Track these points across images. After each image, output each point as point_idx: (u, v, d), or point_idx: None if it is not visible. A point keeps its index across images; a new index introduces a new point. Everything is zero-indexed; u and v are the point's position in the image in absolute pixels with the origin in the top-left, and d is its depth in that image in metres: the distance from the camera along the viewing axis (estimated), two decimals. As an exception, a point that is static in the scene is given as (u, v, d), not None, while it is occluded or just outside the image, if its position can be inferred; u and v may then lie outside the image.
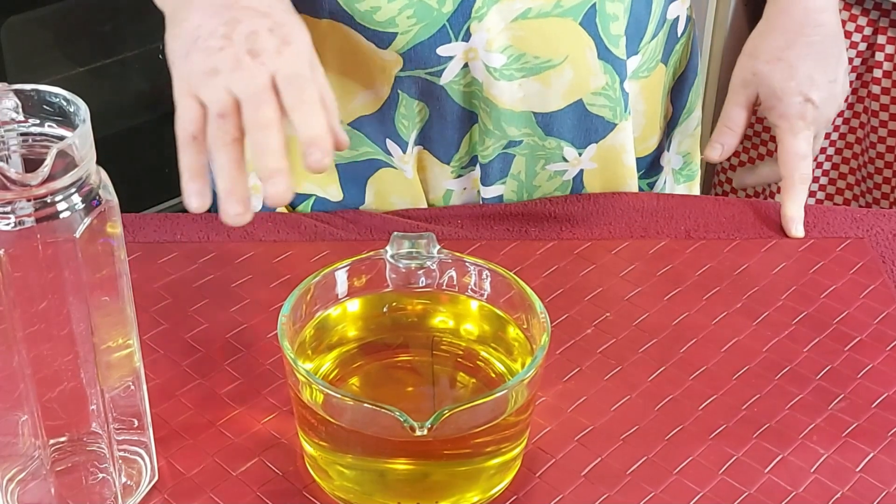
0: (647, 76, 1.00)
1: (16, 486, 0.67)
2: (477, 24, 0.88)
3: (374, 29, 0.88)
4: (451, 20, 0.88)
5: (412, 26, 0.88)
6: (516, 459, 0.72)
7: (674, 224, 0.95)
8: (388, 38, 0.89)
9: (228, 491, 0.71)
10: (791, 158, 0.97)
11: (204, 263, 0.89)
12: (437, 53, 0.89)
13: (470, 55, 0.90)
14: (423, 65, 0.90)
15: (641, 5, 0.95)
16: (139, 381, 0.68)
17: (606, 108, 0.95)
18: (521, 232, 0.94)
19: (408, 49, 0.89)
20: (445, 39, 0.89)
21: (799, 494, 0.72)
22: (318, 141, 0.68)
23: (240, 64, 0.70)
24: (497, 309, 0.75)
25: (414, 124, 0.95)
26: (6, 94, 0.60)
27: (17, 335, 0.61)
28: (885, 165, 1.78)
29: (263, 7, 0.74)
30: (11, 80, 0.63)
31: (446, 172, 0.99)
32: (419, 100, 0.93)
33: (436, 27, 0.88)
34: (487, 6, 0.88)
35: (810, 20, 0.99)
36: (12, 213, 0.58)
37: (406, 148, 0.96)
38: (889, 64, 1.73)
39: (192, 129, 0.70)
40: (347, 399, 0.66)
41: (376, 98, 0.93)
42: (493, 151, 0.96)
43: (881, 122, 1.75)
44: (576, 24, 0.90)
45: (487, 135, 0.95)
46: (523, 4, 0.88)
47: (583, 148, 0.97)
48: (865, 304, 0.87)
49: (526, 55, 0.90)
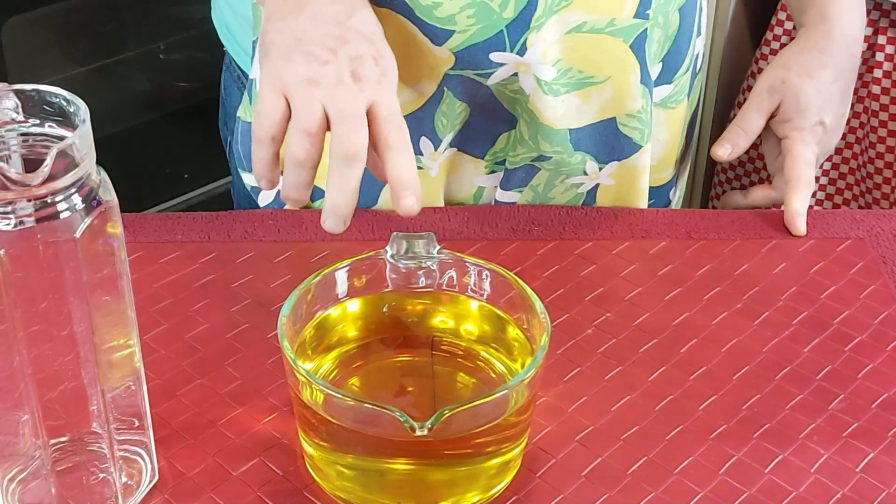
0: (675, 108, 1.00)
1: (16, 486, 0.67)
2: (534, 36, 0.87)
3: (432, 24, 0.87)
4: (510, 27, 0.87)
5: (470, 26, 0.87)
6: (516, 459, 0.72)
7: (674, 225, 0.95)
8: (444, 36, 0.88)
9: (228, 491, 0.71)
10: (798, 162, 0.98)
11: (204, 263, 0.89)
12: (490, 58, 0.89)
13: (521, 68, 0.89)
14: (474, 66, 0.89)
15: (684, 37, 0.95)
16: (139, 381, 0.68)
17: (637, 130, 0.95)
18: (521, 232, 0.94)
19: (462, 49, 0.88)
20: (500, 46, 0.88)
21: (799, 494, 0.72)
22: (411, 185, 0.70)
23: (342, 83, 0.72)
24: (497, 309, 0.75)
25: (453, 125, 0.94)
26: (6, 94, 0.60)
27: (18, 335, 0.61)
28: (885, 165, 1.78)
29: (369, 32, 0.76)
30: (11, 80, 0.63)
31: (480, 168, 0.98)
32: (462, 101, 0.92)
33: (493, 31, 0.87)
34: (546, 16, 0.87)
35: (849, 49, 1.02)
36: (12, 213, 0.58)
37: (439, 146, 0.95)
38: (889, 64, 1.73)
39: (273, 131, 0.73)
40: (347, 399, 0.66)
41: (419, 95, 0.92)
42: (521, 161, 0.96)
43: (881, 122, 1.75)
44: (625, 46, 0.90)
45: (521, 143, 0.95)
46: (580, 17, 0.88)
47: (604, 163, 0.97)
48: (865, 305, 0.87)
49: (572, 69, 0.90)
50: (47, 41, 1.84)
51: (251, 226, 0.93)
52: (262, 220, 0.94)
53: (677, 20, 0.94)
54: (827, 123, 1.00)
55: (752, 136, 1.02)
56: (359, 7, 0.78)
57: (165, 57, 1.96)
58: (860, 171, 1.83)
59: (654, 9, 0.90)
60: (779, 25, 1.83)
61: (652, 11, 0.90)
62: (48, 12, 1.79)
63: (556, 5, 0.87)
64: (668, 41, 0.94)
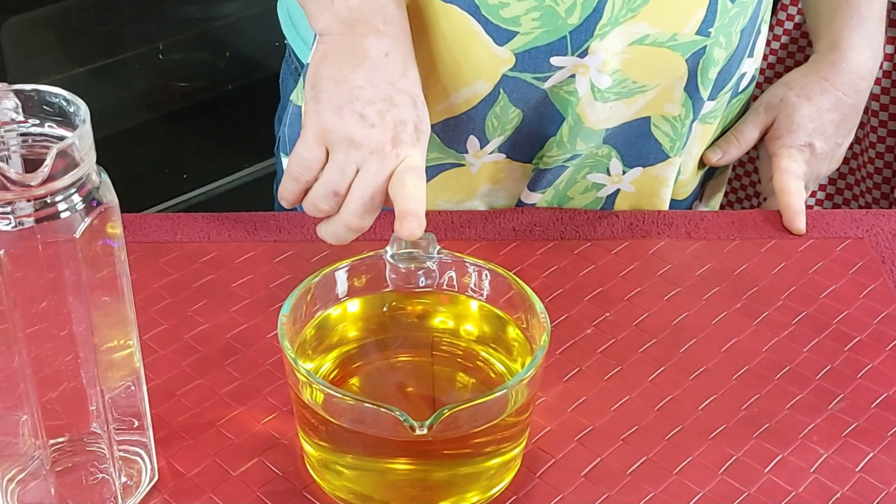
0: (711, 123, 1.00)
1: (16, 486, 0.67)
2: (597, 44, 0.87)
3: (496, 24, 0.87)
4: (574, 33, 0.86)
5: (534, 29, 0.86)
6: (516, 459, 0.72)
7: (674, 225, 0.95)
8: (507, 36, 0.87)
9: (228, 491, 0.71)
10: (786, 175, 1.00)
11: (204, 263, 0.89)
12: (550, 62, 0.88)
13: (580, 70, 0.89)
14: (533, 69, 0.89)
15: (737, 57, 0.95)
16: (139, 381, 0.68)
17: (668, 137, 0.95)
18: (521, 232, 0.94)
19: (523, 51, 0.88)
20: (562, 50, 0.88)
21: (799, 494, 0.72)
22: (416, 214, 0.74)
23: (381, 150, 0.77)
24: (497, 309, 0.75)
25: (503, 129, 0.93)
26: (6, 94, 0.60)
27: (18, 335, 0.61)
28: (884, 165, 1.78)
29: (415, 94, 0.80)
30: (11, 80, 0.63)
31: (527, 172, 0.98)
32: (517, 107, 0.92)
33: (557, 35, 0.87)
34: (612, 25, 0.86)
35: (853, 83, 1.03)
36: (12, 213, 0.58)
37: (485, 146, 0.95)
38: (889, 64, 1.72)
39: (308, 177, 0.80)
40: (347, 399, 0.66)
41: (474, 95, 0.91)
42: (555, 162, 0.96)
43: (881, 122, 1.75)
44: (681, 60, 0.90)
45: (559, 146, 0.94)
46: (643, 30, 0.87)
47: (629, 168, 0.97)
48: (865, 304, 0.87)
49: (627, 80, 0.90)
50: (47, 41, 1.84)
51: (251, 226, 0.93)
52: (262, 220, 0.94)
53: (737, 41, 0.93)
54: (816, 147, 1.02)
55: (744, 147, 1.04)
56: (410, 66, 0.81)
57: (165, 57, 1.96)
58: (860, 171, 1.83)
59: (716, 27, 0.89)
60: (779, 25, 1.83)
61: (714, 30, 0.89)
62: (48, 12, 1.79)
63: (623, 16, 0.86)
64: (726, 60, 0.94)
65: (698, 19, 0.88)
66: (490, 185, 0.99)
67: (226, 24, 2.00)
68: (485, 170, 0.97)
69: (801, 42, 1.83)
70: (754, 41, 0.98)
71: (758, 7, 0.95)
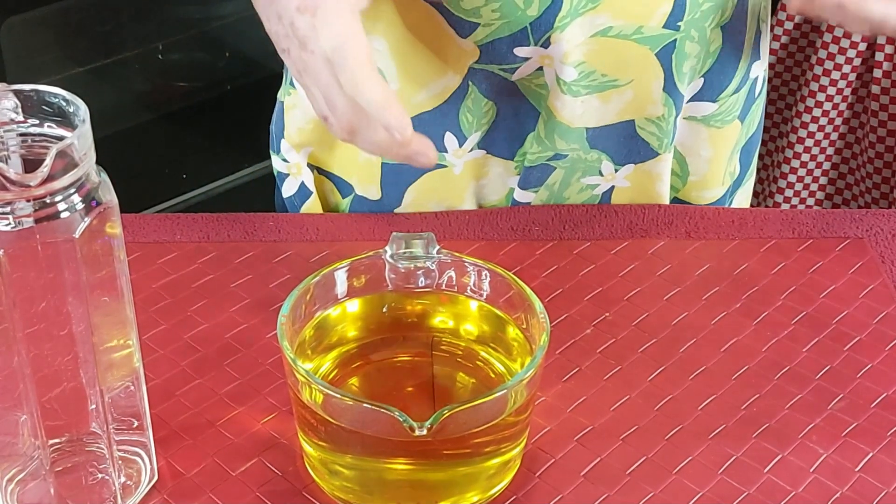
0: (721, 128, 0.99)
1: (15, 487, 0.67)
2: (558, 35, 0.87)
3: (457, 15, 0.87)
4: (534, 24, 0.87)
5: (495, 20, 0.87)
6: (516, 459, 0.72)
7: (673, 224, 0.95)
8: (469, 28, 0.88)
9: (228, 491, 0.71)
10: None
11: (204, 263, 0.89)
12: (514, 53, 0.89)
13: (546, 62, 0.89)
14: (499, 61, 0.89)
15: (730, 57, 0.94)
16: (139, 381, 0.68)
17: (655, 136, 0.95)
18: (520, 232, 0.94)
19: (486, 42, 0.88)
20: (524, 42, 0.88)
21: (799, 494, 0.72)
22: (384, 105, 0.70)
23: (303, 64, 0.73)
24: (496, 309, 0.75)
25: (479, 124, 0.94)
26: (6, 94, 0.60)
27: (17, 335, 0.61)
28: (884, 165, 1.78)
29: None
30: (11, 80, 0.63)
31: (510, 169, 0.98)
32: (488, 98, 0.92)
33: (518, 27, 0.87)
34: (571, 17, 0.87)
35: None
36: (12, 213, 0.58)
37: (464, 143, 0.95)
38: (889, 64, 1.73)
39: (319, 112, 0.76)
40: (347, 399, 0.66)
41: (444, 89, 0.92)
42: (538, 160, 0.96)
43: (881, 122, 1.75)
44: (651, 54, 0.90)
45: (538, 142, 0.94)
46: (606, 21, 0.87)
47: (621, 165, 0.97)
48: (865, 304, 0.87)
49: (595, 72, 0.90)
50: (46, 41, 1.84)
51: (251, 226, 0.93)
52: (261, 220, 0.94)
53: (719, 38, 0.92)
54: None
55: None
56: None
57: (165, 57, 1.96)
58: (860, 171, 1.83)
59: (686, 21, 0.89)
60: (779, 25, 1.83)
61: (683, 24, 0.89)
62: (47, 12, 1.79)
63: (583, 7, 0.86)
64: (711, 58, 0.93)
65: (664, 12, 0.88)
66: (475, 183, 0.99)
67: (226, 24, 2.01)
68: (468, 169, 0.97)
69: (801, 42, 1.83)
70: (756, 43, 0.97)
71: (741, 3, 0.93)
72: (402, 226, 0.94)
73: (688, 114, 0.97)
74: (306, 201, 1.01)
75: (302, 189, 1.01)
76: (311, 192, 1.01)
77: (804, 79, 1.82)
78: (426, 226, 0.95)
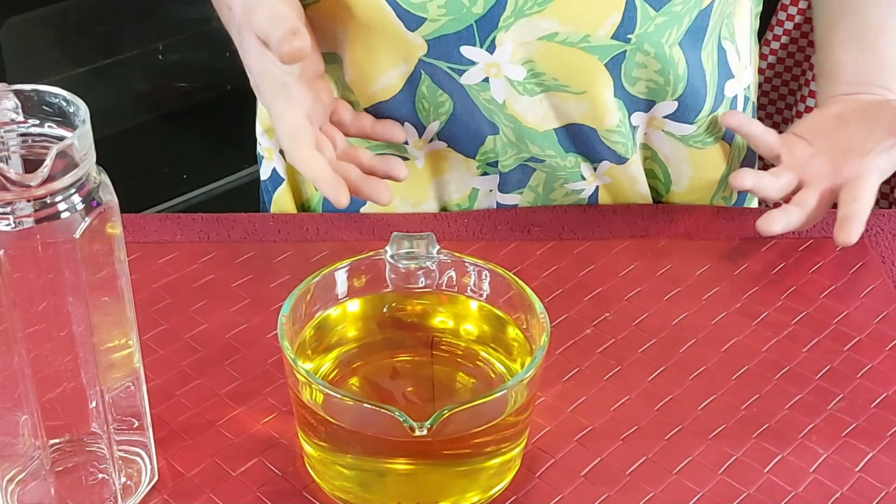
0: (702, 148, 0.98)
1: (16, 487, 0.67)
2: (503, 35, 0.87)
3: (405, 8, 0.88)
4: (479, 22, 0.87)
5: (441, 16, 0.87)
6: (516, 459, 0.72)
7: (674, 224, 0.95)
8: (416, 22, 0.88)
9: (228, 491, 0.71)
10: None
11: (204, 263, 0.89)
12: (461, 52, 0.89)
13: (492, 71, 0.89)
14: (447, 58, 0.90)
15: (697, 76, 0.93)
16: (139, 381, 0.68)
17: (620, 144, 0.95)
18: (520, 232, 0.94)
19: (433, 38, 0.89)
20: (470, 40, 0.88)
21: (799, 494, 0.72)
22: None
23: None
24: (496, 309, 0.75)
25: (437, 113, 0.94)
26: (6, 94, 0.60)
27: (17, 335, 0.61)
28: (884, 165, 1.77)
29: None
30: (11, 80, 0.63)
31: (472, 168, 0.98)
32: (441, 89, 0.92)
33: (463, 24, 0.87)
34: (516, 17, 0.87)
35: None
36: (12, 213, 0.58)
37: (423, 133, 0.95)
38: (889, 64, 1.72)
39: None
40: (347, 399, 0.66)
41: (398, 77, 0.92)
42: (515, 162, 0.96)
43: (881, 122, 1.75)
44: (600, 64, 0.89)
45: (510, 146, 0.95)
46: (552, 26, 0.87)
47: (598, 163, 0.97)
48: (865, 304, 0.87)
49: (545, 74, 0.90)
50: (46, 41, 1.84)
51: (251, 226, 0.93)
52: (261, 220, 0.94)
53: (681, 56, 0.91)
54: None
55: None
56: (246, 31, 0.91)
57: (165, 57, 1.96)
58: (860, 171, 1.83)
59: (637, 35, 0.88)
60: (779, 25, 1.83)
61: (635, 37, 0.88)
62: (47, 12, 1.79)
63: (528, 9, 0.86)
64: (682, 81, 0.92)
65: (613, 23, 0.87)
66: (438, 179, 0.99)
67: (225, 24, 2.00)
68: (429, 161, 0.98)
69: (801, 42, 1.83)
70: (722, 60, 0.96)
71: (709, 23, 0.92)
72: (402, 226, 0.94)
73: (666, 128, 0.96)
74: (278, 188, 1.02)
75: (274, 175, 1.03)
76: (282, 180, 1.03)
77: (804, 79, 1.82)
78: (426, 226, 0.95)
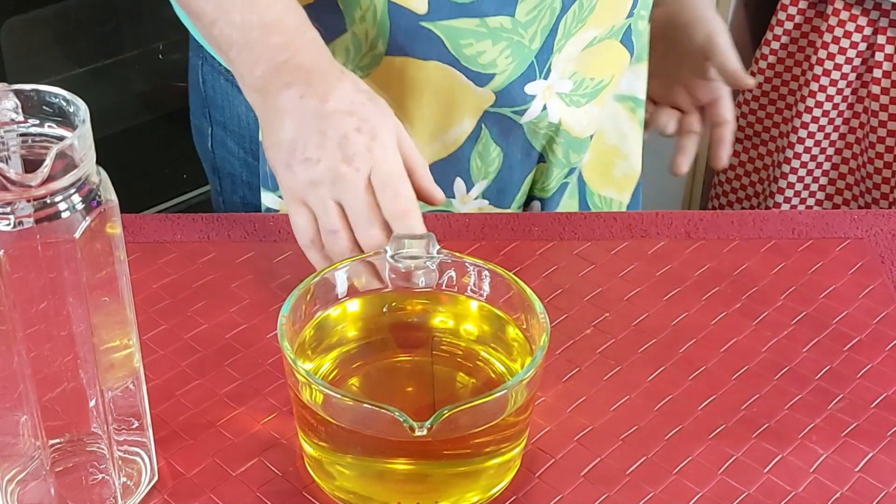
0: None
1: (16, 487, 0.67)
2: (557, 58, 0.92)
3: (475, 70, 0.90)
4: (538, 56, 0.91)
5: (509, 66, 0.90)
6: (516, 459, 0.72)
7: (673, 225, 0.95)
8: (486, 79, 0.91)
9: (228, 491, 0.71)
10: None
11: (204, 264, 0.89)
12: (525, 91, 0.92)
13: (547, 94, 0.93)
14: (512, 102, 0.93)
15: None
16: (139, 381, 0.68)
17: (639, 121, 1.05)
18: (520, 232, 0.94)
19: (502, 88, 0.91)
20: (532, 76, 0.92)
21: (798, 494, 0.72)
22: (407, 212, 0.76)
23: (338, 174, 0.76)
24: (497, 309, 0.75)
25: (487, 171, 0.97)
26: (6, 94, 0.60)
27: (17, 335, 0.61)
28: (884, 165, 1.78)
29: (347, 105, 0.78)
30: (11, 81, 0.63)
31: None
32: (497, 143, 0.96)
33: (526, 64, 0.90)
34: (566, 38, 0.91)
35: None
36: (12, 213, 0.58)
37: (471, 189, 0.99)
38: (889, 64, 1.73)
39: (310, 235, 0.79)
40: (347, 399, 0.66)
41: (459, 135, 0.94)
42: (557, 183, 1.00)
43: (881, 122, 1.75)
44: (619, 44, 0.96)
45: (556, 165, 0.99)
46: (592, 34, 0.93)
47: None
48: (865, 305, 0.87)
49: (585, 79, 0.95)
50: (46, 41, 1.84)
51: (251, 226, 0.93)
52: (261, 220, 0.94)
53: None
54: None
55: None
56: (333, 87, 0.79)
57: (164, 57, 1.96)
58: (860, 171, 1.83)
59: (638, 6, 0.96)
60: (779, 25, 1.83)
61: (637, 7, 0.96)
62: (47, 13, 1.79)
63: (574, 28, 0.91)
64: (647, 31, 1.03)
65: (627, 6, 0.95)
66: None
67: (226, 25, 2.00)
68: None
69: (801, 42, 1.83)
70: None
71: None
72: (402, 226, 0.94)
73: None
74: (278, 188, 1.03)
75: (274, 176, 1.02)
76: None
77: (804, 79, 1.82)
78: (426, 226, 0.94)
